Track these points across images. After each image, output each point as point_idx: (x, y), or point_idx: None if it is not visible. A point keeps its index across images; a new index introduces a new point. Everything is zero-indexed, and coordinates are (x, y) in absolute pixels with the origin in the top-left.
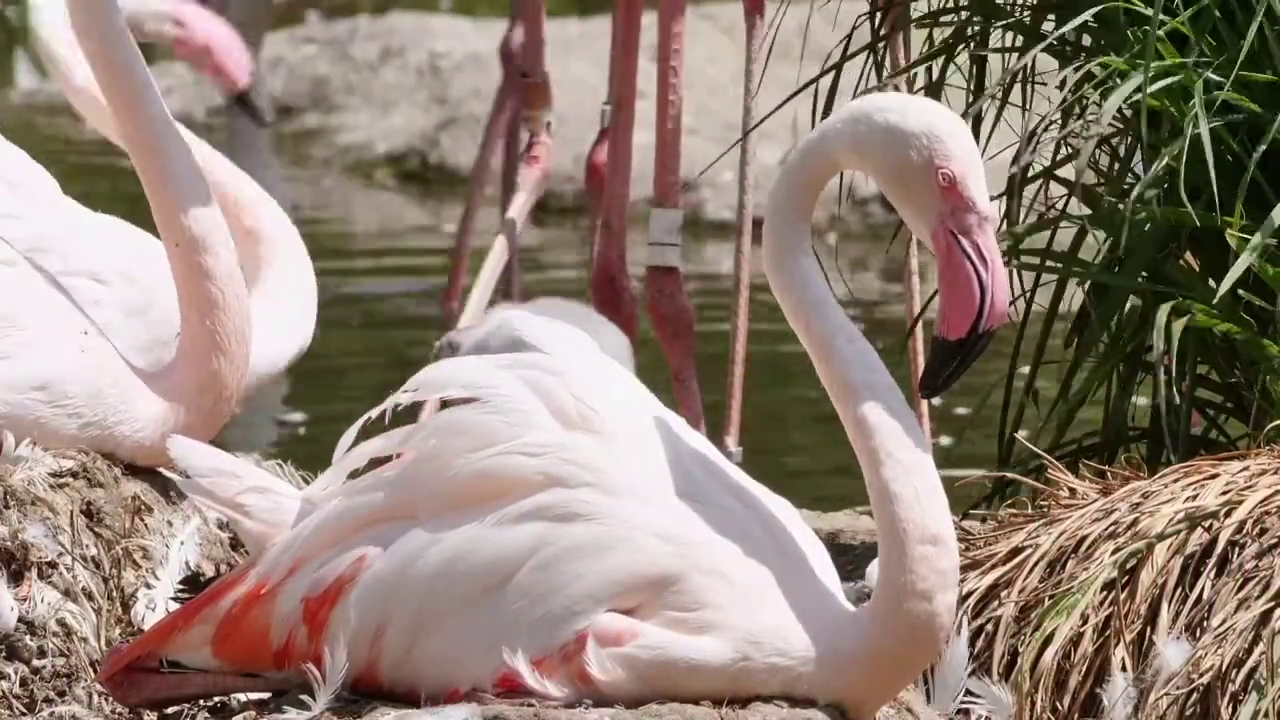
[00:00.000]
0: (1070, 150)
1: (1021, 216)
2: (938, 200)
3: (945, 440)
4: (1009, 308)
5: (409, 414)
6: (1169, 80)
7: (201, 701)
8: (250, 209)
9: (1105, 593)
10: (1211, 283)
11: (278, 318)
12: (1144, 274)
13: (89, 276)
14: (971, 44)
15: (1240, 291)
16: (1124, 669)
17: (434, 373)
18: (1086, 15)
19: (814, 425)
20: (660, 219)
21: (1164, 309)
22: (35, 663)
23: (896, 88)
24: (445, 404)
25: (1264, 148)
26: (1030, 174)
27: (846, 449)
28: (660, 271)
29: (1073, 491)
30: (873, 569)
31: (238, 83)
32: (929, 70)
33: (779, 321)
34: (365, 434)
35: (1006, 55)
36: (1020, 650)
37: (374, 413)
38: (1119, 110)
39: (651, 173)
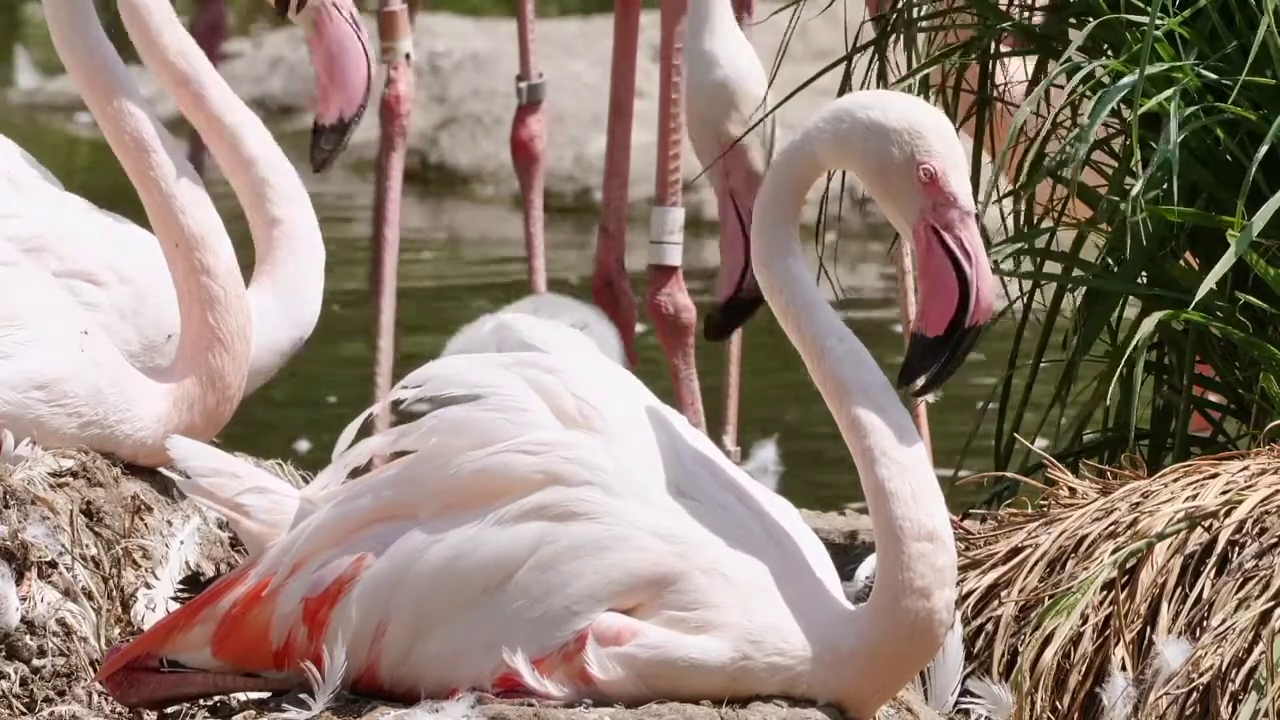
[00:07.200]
0: (1072, 150)
1: (1029, 218)
2: (919, 196)
3: (943, 440)
4: (998, 305)
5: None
6: (1163, 78)
7: (201, 701)
8: (276, 196)
9: (1105, 592)
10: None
11: (273, 312)
12: (1144, 274)
13: (85, 278)
14: (975, 49)
15: (1241, 295)
16: (1124, 669)
17: (435, 370)
18: (1094, 24)
19: (812, 423)
20: (661, 217)
21: (1153, 318)
22: (35, 662)
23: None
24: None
25: (1265, 149)
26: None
27: (845, 448)
28: (661, 270)
29: (1073, 491)
30: (861, 569)
31: (322, 116)
32: (927, 78)
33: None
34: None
35: (1008, 60)
36: (1020, 650)
37: (374, 409)
38: (1117, 111)
39: (650, 173)
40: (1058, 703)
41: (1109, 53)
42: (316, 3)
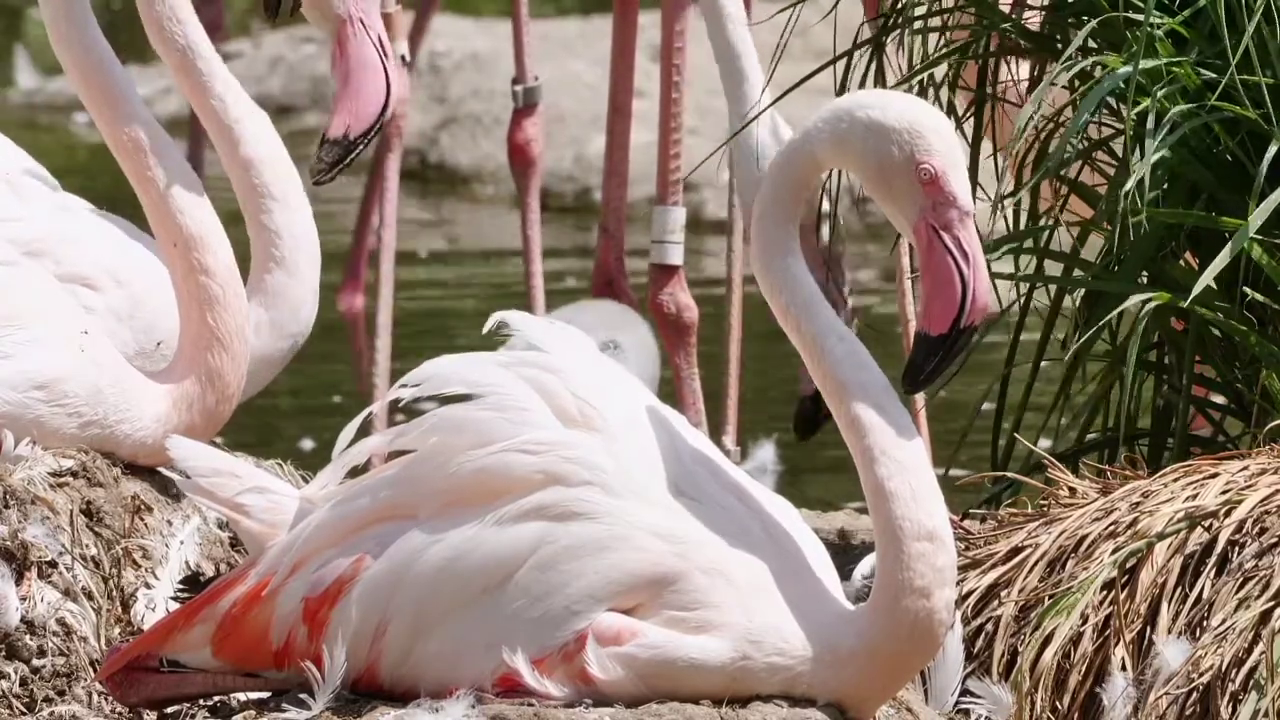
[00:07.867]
0: (1071, 150)
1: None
2: (919, 195)
3: (943, 440)
4: (996, 303)
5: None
6: (1159, 73)
7: (201, 701)
8: (272, 201)
9: (1105, 592)
10: (1213, 283)
11: (265, 322)
12: (1144, 275)
13: (82, 282)
14: (974, 49)
15: (1247, 290)
16: (1124, 669)
17: (434, 369)
18: (1093, 23)
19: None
20: (662, 217)
21: (1151, 304)
22: (35, 662)
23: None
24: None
25: (1270, 150)
26: (1030, 175)
27: (845, 448)
28: (662, 269)
29: (1073, 491)
30: (859, 569)
31: (329, 128)
32: (926, 78)
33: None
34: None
35: (1008, 60)
36: (1020, 650)
37: (374, 408)
38: (1119, 111)
39: (651, 173)
40: (1058, 703)
41: (1107, 51)
42: (342, 14)
